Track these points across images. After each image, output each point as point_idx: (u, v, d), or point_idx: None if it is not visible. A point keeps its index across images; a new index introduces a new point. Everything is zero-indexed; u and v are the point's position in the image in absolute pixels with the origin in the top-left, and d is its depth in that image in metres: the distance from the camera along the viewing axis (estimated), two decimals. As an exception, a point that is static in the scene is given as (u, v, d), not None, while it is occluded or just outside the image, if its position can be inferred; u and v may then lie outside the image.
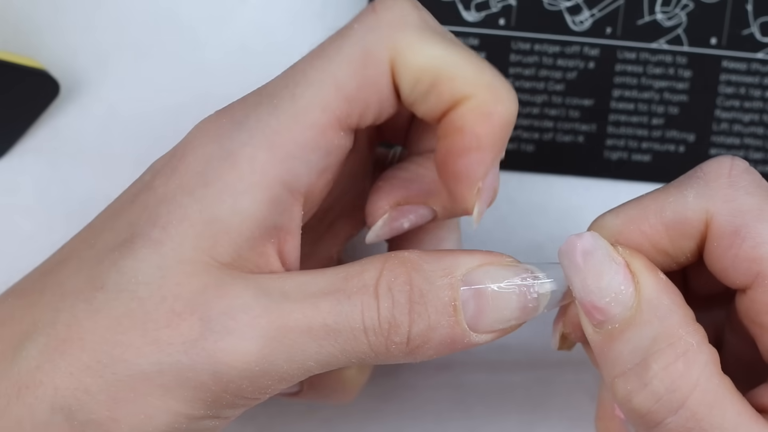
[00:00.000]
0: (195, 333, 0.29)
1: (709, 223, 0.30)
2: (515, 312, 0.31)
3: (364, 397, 0.43)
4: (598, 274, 0.30)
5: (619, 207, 0.32)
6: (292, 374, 0.30)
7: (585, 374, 0.43)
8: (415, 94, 0.31)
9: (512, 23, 0.42)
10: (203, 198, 0.30)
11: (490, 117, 0.31)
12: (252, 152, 0.30)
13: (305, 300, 0.30)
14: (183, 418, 0.30)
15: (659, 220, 0.31)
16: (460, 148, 0.31)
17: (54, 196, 0.42)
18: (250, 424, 0.43)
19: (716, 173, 0.30)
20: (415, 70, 0.31)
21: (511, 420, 0.43)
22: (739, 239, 0.30)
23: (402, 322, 0.30)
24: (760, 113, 0.43)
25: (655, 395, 0.29)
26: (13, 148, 0.42)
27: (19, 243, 0.42)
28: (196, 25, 0.43)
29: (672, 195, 0.31)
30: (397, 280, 0.30)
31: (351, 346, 0.30)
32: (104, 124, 0.43)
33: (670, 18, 0.42)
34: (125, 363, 0.29)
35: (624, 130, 0.43)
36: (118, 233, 0.31)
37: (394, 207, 0.34)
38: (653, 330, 0.30)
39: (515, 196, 0.44)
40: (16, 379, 0.30)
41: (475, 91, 0.31)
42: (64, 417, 0.30)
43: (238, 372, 0.29)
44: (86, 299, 0.30)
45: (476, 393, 0.43)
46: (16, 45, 0.42)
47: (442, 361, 0.43)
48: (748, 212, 0.30)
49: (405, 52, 0.31)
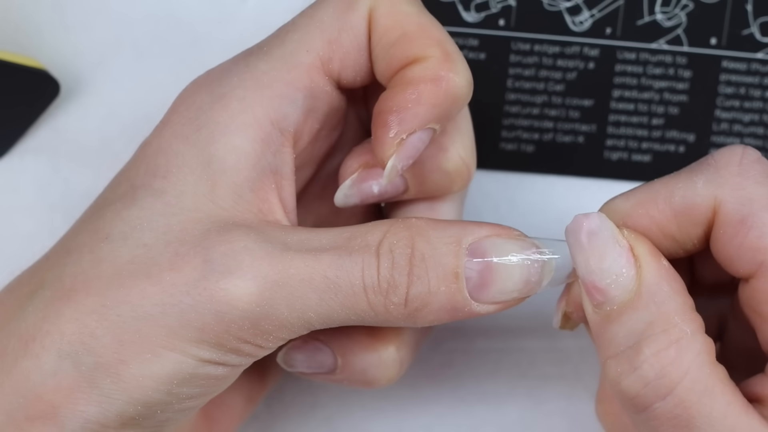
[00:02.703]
0: (197, 274, 0.30)
1: (716, 210, 0.30)
2: (518, 285, 0.31)
3: (364, 397, 0.43)
4: (601, 254, 0.30)
5: (630, 191, 0.32)
6: (293, 323, 0.30)
7: (585, 373, 0.43)
8: (381, 44, 0.32)
9: (512, 24, 0.43)
10: (197, 142, 0.31)
11: (440, 80, 0.32)
12: (242, 93, 0.32)
13: (307, 252, 0.30)
14: (189, 357, 0.30)
15: (668, 205, 0.31)
16: (400, 99, 0.32)
17: (54, 196, 0.42)
18: (253, 422, 0.43)
19: (727, 161, 0.31)
20: (387, 21, 0.32)
21: (511, 420, 0.43)
22: (745, 228, 0.30)
23: (400, 283, 0.30)
24: (760, 113, 0.43)
25: (644, 380, 0.30)
26: (13, 148, 0.42)
27: (19, 243, 0.42)
28: (196, 25, 0.43)
29: (682, 181, 0.31)
30: (399, 242, 0.31)
31: (350, 302, 0.31)
32: (104, 124, 0.43)
33: (669, 18, 0.42)
34: (129, 305, 0.30)
35: (624, 131, 0.43)
36: (117, 188, 0.32)
37: (365, 167, 0.34)
38: (649, 315, 0.30)
39: (515, 196, 0.44)
40: (23, 333, 0.31)
41: (434, 54, 0.32)
42: (72, 363, 0.30)
43: (239, 312, 0.30)
44: (91, 250, 0.31)
45: (477, 393, 0.43)
46: (16, 45, 0.42)
47: (443, 360, 0.43)
48: (756, 201, 0.30)
49: (383, 4, 0.33)
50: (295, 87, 0.32)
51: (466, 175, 0.35)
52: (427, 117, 0.32)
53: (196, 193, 0.31)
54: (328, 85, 0.33)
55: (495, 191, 0.44)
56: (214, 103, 0.32)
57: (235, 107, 0.32)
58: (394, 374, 0.36)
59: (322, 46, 0.33)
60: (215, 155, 0.31)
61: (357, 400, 0.43)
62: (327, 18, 0.33)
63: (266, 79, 0.32)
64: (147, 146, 0.32)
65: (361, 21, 0.33)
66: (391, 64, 0.33)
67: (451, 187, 0.35)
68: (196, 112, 0.32)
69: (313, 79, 0.32)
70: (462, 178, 0.35)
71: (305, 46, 0.32)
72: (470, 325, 0.43)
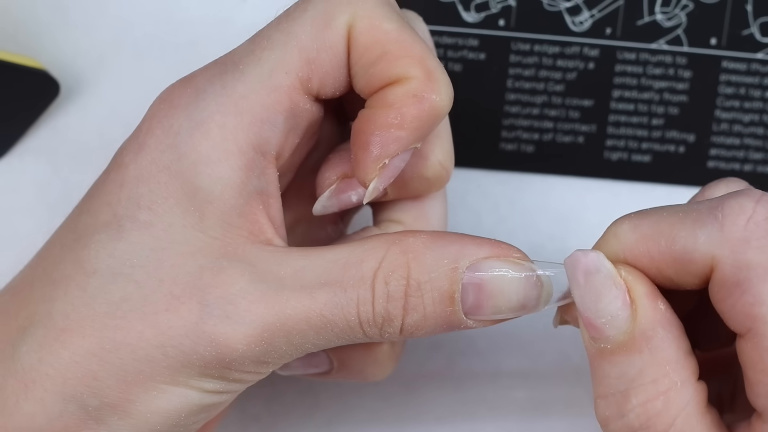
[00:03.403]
0: (194, 317, 0.30)
1: (714, 267, 0.30)
2: (515, 306, 0.31)
3: (365, 398, 0.43)
4: (597, 294, 0.30)
5: (639, 218, 0.31)
6: (292, 353, 0.31)
7: (585, 374, 0.43)
8: (360, 63, 0.32)
9: (512, 24, 0.43)
10: (180, 173, 0.31)
11: (422, 102, 0.31)
12: (221, 119, 0.31)
13: (302, 289, 0.30)
14: (194, 391, 0.30)
15: (668, 251, 0.30)
16: (382, 122, 0.31)
17: (54, 196, 0.42)
18: (253, 424, 0.43)
19: (733, 219, 0.29)
20: (367, 39, 0.32)
21: (511, 420, 0.43)
22: (738, 291, 0.29)
23: (395, 316, 0.30)
24: (760, 113, 0.43)
25: (630, 428, 0.30)
26: (13, 148, 0.42)
27: (19, 243, 0.42)
28: (196, 25, 0.43)
29: (686, 229, 0.30)
30: (395, 273, 0.30)
31: (346, 334, 0.31)
32: (104, 124, 0.42)
33: (669, 18, 0.42)
34: (129, 347, 0.30)
35: (624, 131, 0.43)
36: (97, 215, 0.31)
37: (342, 178, 0.34)
38: (642, 361, 0.30)
39: (515, 196, 0.44)
40: (21, 375, 0.30)
41: (416, 74, 0.31)
42: (78, 405, 0.30)
43: (240, 353, 0.30)
44: (79, 286, 0.31)
45: (477, 393, 0.43)
46: (16, 45, 0.42)
47: (443, 362, 0.43)
48: (753, 269, 0.29)
49: (362, 21, 0.32)
50: (275, 110, 0.31)
51: (445, 178, 0.35)
52: (410, 140, 0.31)
53: (185, 225, 0.31)
54: (308, 102, 0.32)
55: (495, 191, 0.44)
56: (193, 130, 0.31)
57: (216, 135, 0.31)
58: (389, 368, 0.36)
59: (300, 67, 0.32)
60: (201, 187, 0.31)
61: (357, 401, 0.43)
62: (305, 36, 0.32)
63: (245, 103, 0.31)
64: (124, 169, 0.31)
65: (339, 39, 0.32)
66: (371, 83, 0.32)
67: (429, 190, 0.35)
68: (174, 139, 0.31)
69: (292, 100, 0.32)
70: (441, 181, 0.35)
71: (284, 66, 0.32)
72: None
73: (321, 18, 0.32)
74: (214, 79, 0.32)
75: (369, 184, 0.32)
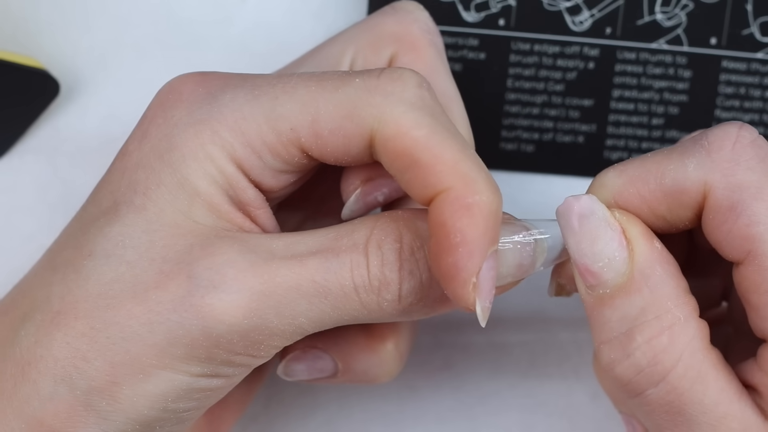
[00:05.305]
0: (182, 290, 0.29)
1: (706, 194, 0.30)
2: (511, 269, 0.31)
3: (364, 398, 0.43)
4: (592, 238, 0.30)
5: (623, 165, 0.31)
6: (284, 330, 0.30)
7: (585, 374, 0.43)
8: (394, 167, 0.30)
9: (512, 24, 0.43)
10: (171, 161, 0.31)
11: (470, 209, 0.29)
12: (217, 127, 0.31)
13: (292, 258, 0.30)
14: (181, 374, 0.30)
15: (659, 186, 0.31)
16: (446, 245, 0.29)
17: (54, 196, 0.42)
18: (252, 424, 0.43)
19: (720, 144, 0.30)
20: (396, 146, 0.30)
21: (511, 420, 0.43)
22: (734, 215, 0.30)
23: (392, 280, 0.30)
24: (760, 113, 0.43)
25: (637, 367, 0.30)
26: (13, 148, 0.42)
27: (19, 243, 0.42)
28: (196, 25, 0.43)
29: (674, 162, 0.31)
30: (387, 238, 0.30)
31: (342, 303, 0.30)
32: (104, 124, 0.43)
33: (669, 18, 0.42)
34: (117, 325, 0.30)
35: (624, 130, 0.43)
36: (101, 202, 0.32)
37: (366, 182, 0.34)
38: (642, 300, 0.30)
39: (515, 196, 0.44)
40: (18, 358, 0.31)
41: (452, 183, 0.29)
42: (67, 388, 0.30)
43: (227, 327, 0.29)
44: (75, 268, 0.31)
45: (477, 393, 0.43)
46: (16, 45, 0.42)
47: (442, 362, 0.43)
48: (746, 189, 0.30)
49: (389, 127, 0.30)
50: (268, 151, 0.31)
51: None
52: (481, 249, 0.29)
53: (175, 210, 0.31)
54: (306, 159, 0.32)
55: (495, 191, 0.44)
56: (188, 126, 0.31)
57: (206, 138, 0.31)
58: (395, 369, 0.36)
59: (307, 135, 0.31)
60: (188, 179, 0.31)
61: (357, 401, 0.43)
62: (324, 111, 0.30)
63: (245, 127, 0.31)
64: (128, 157, 0.32)
65: (356, 136, 0.30)
66: (413, 193, 0.30)
67: None
68: (172, 129, 0.31)
69: (290, 153, 0.31)
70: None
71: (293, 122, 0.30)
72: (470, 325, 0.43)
73: (345, 107, 0.30)
74: (227, 90, 0.31)
75: (473, 308, 0.30)
